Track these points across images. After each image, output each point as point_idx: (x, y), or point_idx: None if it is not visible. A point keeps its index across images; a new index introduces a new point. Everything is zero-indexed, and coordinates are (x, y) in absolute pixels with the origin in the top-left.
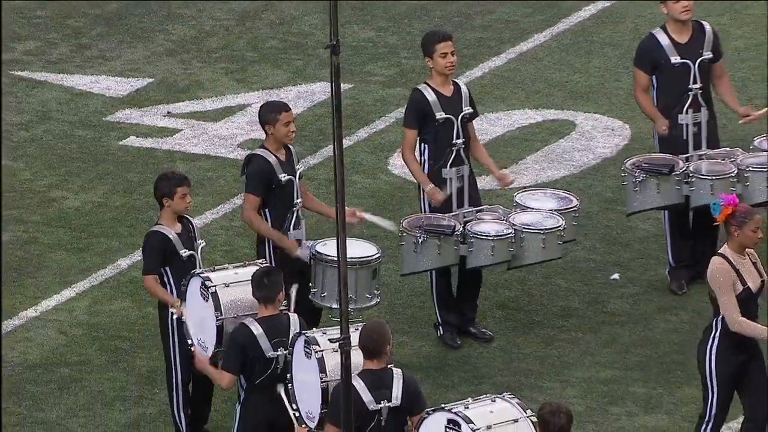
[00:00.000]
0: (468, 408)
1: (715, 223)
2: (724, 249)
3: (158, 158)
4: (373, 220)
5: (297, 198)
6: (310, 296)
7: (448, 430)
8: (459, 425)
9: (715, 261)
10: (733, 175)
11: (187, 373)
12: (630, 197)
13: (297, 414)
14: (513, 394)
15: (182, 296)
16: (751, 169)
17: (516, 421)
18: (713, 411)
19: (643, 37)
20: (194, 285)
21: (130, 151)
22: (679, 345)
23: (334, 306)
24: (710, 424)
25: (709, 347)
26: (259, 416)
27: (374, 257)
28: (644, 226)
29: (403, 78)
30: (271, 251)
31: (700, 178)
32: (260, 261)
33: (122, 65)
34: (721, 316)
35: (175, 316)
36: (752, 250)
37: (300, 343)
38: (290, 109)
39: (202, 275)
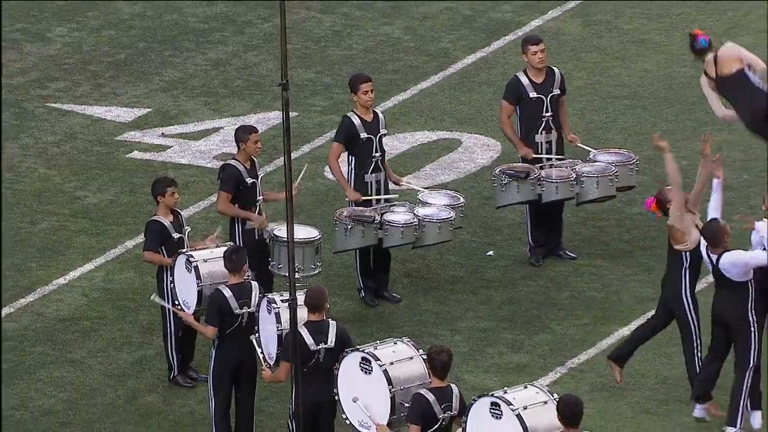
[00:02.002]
0: (376, 349)
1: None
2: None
3: (155, 167)
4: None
5: (259, 196)
6: (269, 267)
7: (362, 364)
8: (369, 361)
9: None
10: (572, 179)
11: (177, 326)
12: (498, 195)
13: (261, 354)
14: (410, 339)
15: (171, 269)
16: (585, 175)
17: (411, 358)
18: (699, 336)
19: (510, 78)
20: (180, 260)
21: (134, 162)
22: (536, 303)
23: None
24: (698, 346)
25: (683, 293)
26: (229, 357)
27: (317, 238)
28: (511, 216)
29: (335, 108)
30: (239, 235)
31: (548, 181)
32: (229, 243)
33: (128, 99)
34: (684, 265)
35: (168, 284)
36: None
37: (264, 302)
38: (258, 130)
39: (186, 253)
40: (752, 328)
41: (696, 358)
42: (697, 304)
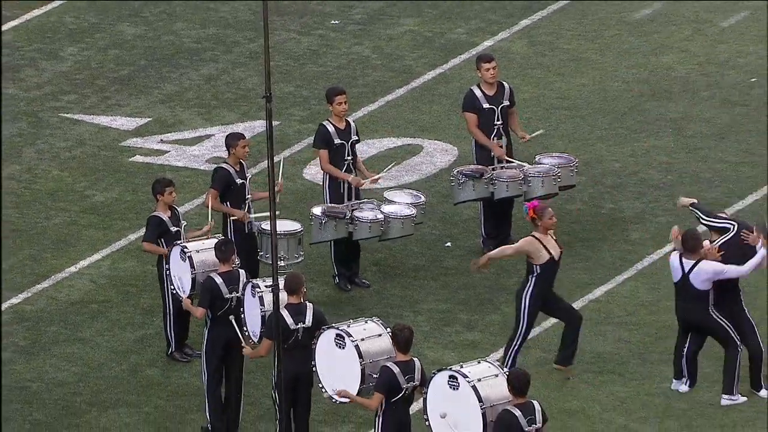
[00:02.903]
0: (349, 326)
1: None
2: (534, 233)
3: (154, 169)
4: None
5: (248, 194)
6: (258, 257)
7: (336, 340)
8: (343, 337)
9: (527, 237)
10: (520, 179)
11: (175, 307)
12: (455, 193)
13: (246, 333)
14: (379, 319)
15: (167, 258)
16: (531, 175)
17: (380, 335)
18: (523, 333)
19: (466, 92)
20: (176, 250)
21: (136, 165)
22: (488, 288)
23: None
24: (520, 341)
25: (525, 293)
26: (219, 336)
27: (299, 231)
28: (467, 211)
29: (312, 118)
30: (231, 230)
31: (500, 180)
32: (218, 235)
33: (131, 110)
34: (533, 273)
35: (165, 272)
36: (552, 231)
37: (249, 287)
38: (246, 137)
39: (181, 244)
40: (719, 320)
41: (513, 350)
42: (534, 309)
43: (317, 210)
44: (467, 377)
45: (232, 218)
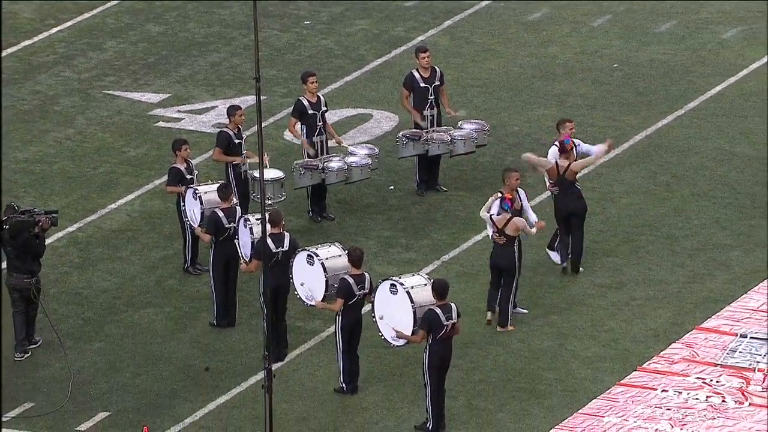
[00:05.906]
0: (317, 249)
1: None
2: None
3: (174, 132)
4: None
5: (243, 151)
6: (251, 197)
7: (307, 259)
8: (313, 257)
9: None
10: (448, 140)
11: (189, 234)
12: (399, 150)
13: (241, 254)
14: (340, 243)
15: (183, 197)
16: (456, 137)
17: (340, 255)
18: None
19: (407, 73)
20: (189, 192)
21: (161, 129)
22: (421, 219)
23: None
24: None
25: None
26: (221, 255)
27: (282, 177)
28: (406, 164)
29: (290, 94)
30: (232, 176)
31: (432, 141)
32: (221, 180)
33: (156, 88)
34: None
35: (182, 208)
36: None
37: (242, 220)
38: (242, 108)
39: (194, 187)
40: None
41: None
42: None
43: (298, 164)
44: (403, 285)
45: (233, 164)
